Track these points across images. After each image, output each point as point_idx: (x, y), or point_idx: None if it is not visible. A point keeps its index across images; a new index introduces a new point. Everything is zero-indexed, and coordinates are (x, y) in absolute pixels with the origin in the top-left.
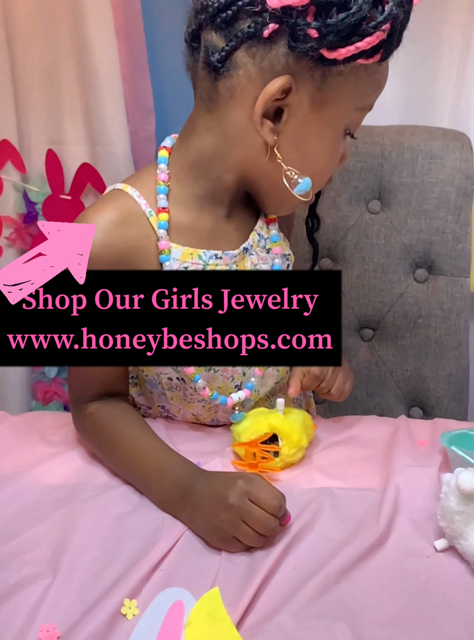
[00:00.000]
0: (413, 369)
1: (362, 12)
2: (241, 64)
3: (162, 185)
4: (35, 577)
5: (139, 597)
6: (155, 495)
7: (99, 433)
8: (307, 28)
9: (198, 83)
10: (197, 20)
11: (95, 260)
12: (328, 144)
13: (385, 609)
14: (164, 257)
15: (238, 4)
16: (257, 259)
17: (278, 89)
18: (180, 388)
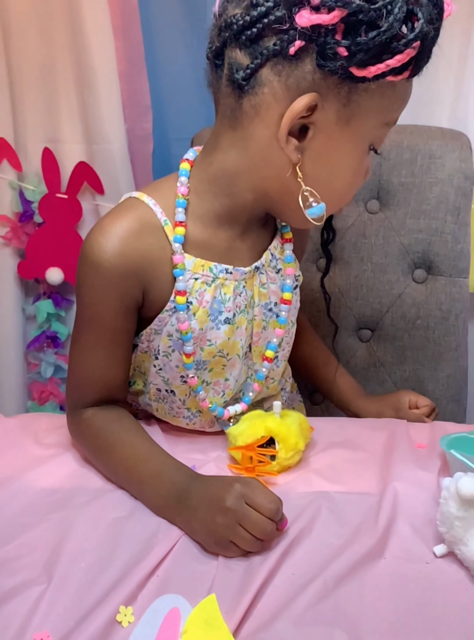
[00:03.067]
0: (412, 370)
1: (393, 30)
2: (267, 82)
3: (181, 198)
4: (30, 583)
5: (135, 604)
6: (150, 500)
7: (94, 438)
8: (337, 46)
9: (222, 100)
10: (221, 38)
11: (110, 269)
12: (353, 160)
13: (384, 616)
14: (178, 271)
15: (263, 21)
16: (266, 279)
17: (304, 107)
18: (167, 401)
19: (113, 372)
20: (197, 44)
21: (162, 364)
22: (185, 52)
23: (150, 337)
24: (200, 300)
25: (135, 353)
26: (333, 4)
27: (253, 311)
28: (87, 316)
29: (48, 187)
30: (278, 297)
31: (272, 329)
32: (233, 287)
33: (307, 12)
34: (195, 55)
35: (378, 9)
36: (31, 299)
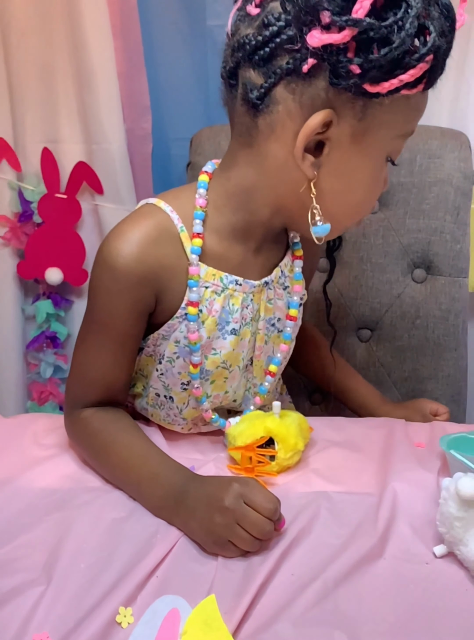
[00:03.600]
0: (411, 370)
1: (405, 46)
2: (281, 100)
3: (200, 210)
4: (29, 584)
5: (134, 605)
6: (148, 501)
7: (92, 438)
8: (349, 64)
9: (237, 119)
10: (234, 58)
11: (127, 273)
12: (370, 173)
13: (384, 617)
14: (193, 282)
15: (275, 41)
16: (273, 294)
17: (319, 124)
18: (164, 407)
19: (117, 375)
20: (196, 43)
21: (165, 369)
22: (184, 52)
23: (157, 341)
24: (210, 309)
25: (139, 356)
26: (343, 23)
27: (257, 324)
28: (97, 318)
29: (47, 187)
30: (283, 313)
31: (273, 344)
32: (241, 298)
33: (318, 32)
34: (194, 55)
35: (389, 26)
36: (30, 299)
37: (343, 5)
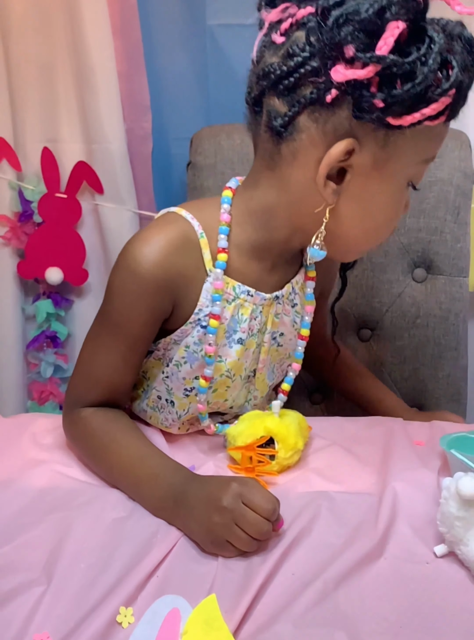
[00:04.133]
0: (411, 370)
1: (428, 81)
2: (304, 128)
3: (224, 225)
4: (29, 585)
5: (135, 605)
6: (148, 502)
7: (91, 437)
8: (372, 99)
9: (260, 144)
10: (259, 86)
11: (150, 279)
12: (391, 198)
13: (384, 617)
14: (216, 296)
15: (300, 71)
16: (281, 309)
17: (342, 152)
18: (164, 411)
19: (123, 377)
20: (196, 43)
21: (171, 373)
22: (184, 52)
23: (169, 346)
24: (220, 316)
25: (147, 359)
26: (367, 59)
27: (263, 337)
28: (113, 320)
29: (47, 186)
30: (286, 329)
31: (271, 357)
32: (251, 309)
33: (342, 66)
34: (194, 54)
35: (412, 62)
36: (31, 298)
37: (367, 42)
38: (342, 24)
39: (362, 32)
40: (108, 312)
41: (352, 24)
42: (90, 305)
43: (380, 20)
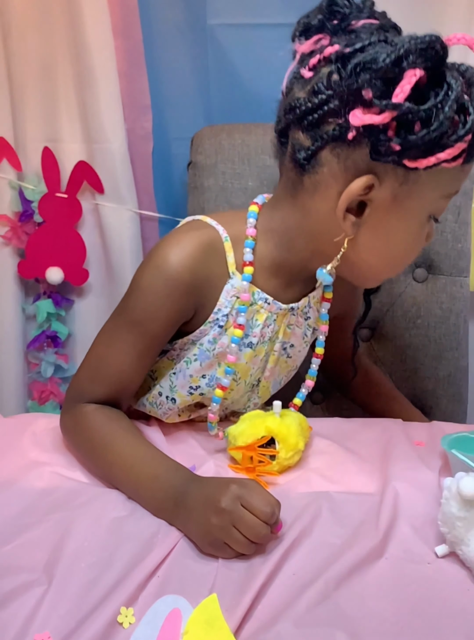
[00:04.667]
0: (412, 369)
1: (443, 128)
2: (326, 162)
3: (250, 239)
4: (30, 585)
5: (136, 605)
6: (148, 503)
7: (93, 432)
8: (389, 142)
9: (285, 173)
10: (286, 120)
11: (179, 282)
12: (411, 232)
13: (385, 617)
14: (242, 307)
15: (324, 108)
16: (295, 321)
17: (361, 188)
18: (162, 407)
19: (132, 376)
20: (197, 42)
21: (179, 369)
22: (185, 51)
23: (186, 346)
24: (235, 318)
25: (159, 358)
26: (383, 106)
27: (273, 345)
28: (134, 317)
29: (48, 186)
30: (297, 341)
31: (279, 368)
32: (265, 316)
33: (360, 111)
34: (195, 54)
35: (428, 109)
36: (31, 298)
37: (384, 89)
38: (360, 71)
39: (379, 80)
40: (130, 309)
41: (370, 72)
42: (91, 305)
43: (397, 68)
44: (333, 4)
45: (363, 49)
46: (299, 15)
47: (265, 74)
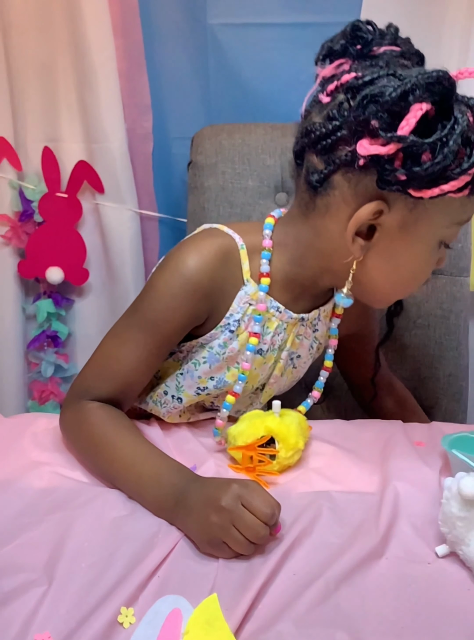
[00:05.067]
0: (412, 369)
1: (446, 161)
2: (338, 186)
3: (266, 251)
4: (30, 584)
5: (136, 605)
6: (149, 501)
7: (95, 428)
8: (395, 172)
9: (299, 193)
10: (302, 142)
11: (196, 286)
12: (419, 258)
13: (386, 617)
14: (258, 317)
15: (337, 134)
16: (303, 331)
17: (370, 213)
18: (167, 406)
19: (139, 377)
20: (197, 42)
21: (186, 370)
22: (185, 51)
23: (194, 349)
24: (247, 324)
25: (166, 359)
26: (388, 139)
27: (280, 354)
28: (148, 317)
29: (48, 186)
30: (304, 352)
31: (286, 378)
32: (276, 324)
33: (367, 141)
34: (195, 53)
35: (432, 142)
36: (31, 298)
37: (390, 122)
38: (368, 103)
39: (386, 112)
40: (144, 309)
41: (377, 104)
42: (91, 304)
43: (403, 102)
44: (356, 30)
45: (372, 81)
46: (299, 14)
47: (266, 73)
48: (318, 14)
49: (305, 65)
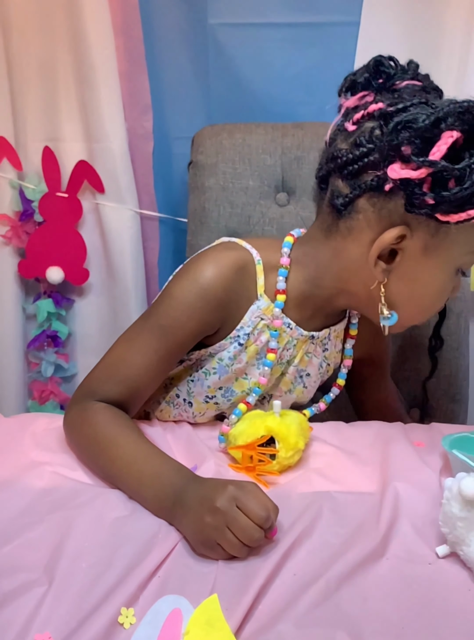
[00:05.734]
0: (413, 369)
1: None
2: (362, 210)
3: (284, 268)
4: (31, 585)
5: (136, 606)
6: (148, 500)
7: (101, 427)
8: (423, 197)
9: (321, 215)
10: (327, 167)
11: (213, 297)
12: (438, 284)
13: (386, 617)
14: (274, 333)
15: (364, 160)
16: (313, 349)
17: (394, 238)
18: (179, 408)
19: (149, 382)
20: (198, 42)
21: (197, 378)
22: (185, 51)
23: (203, 357)
24: (256, 338)
25: (176, 366)
26: (420, 163)
27: (288, 368)
28: (162, 323)
29: (48, 185)
30: (313, 370)
31: (296, 396)
32: (286, 340)
33: (398, 166)
34: (195, 53)
35: (461, 168)
36: (31, 298)
37: (422, 147)
38: (401, 129)
39: (418, 139)
40: (159, 315)
41: (410, 130)
42: (91, 304)
43: (435, 129)
44: (379, 65)
45: (405, 109)
46: (300, 14)
47: (266, 73)
48: (319, 14)
49: (305, 65)
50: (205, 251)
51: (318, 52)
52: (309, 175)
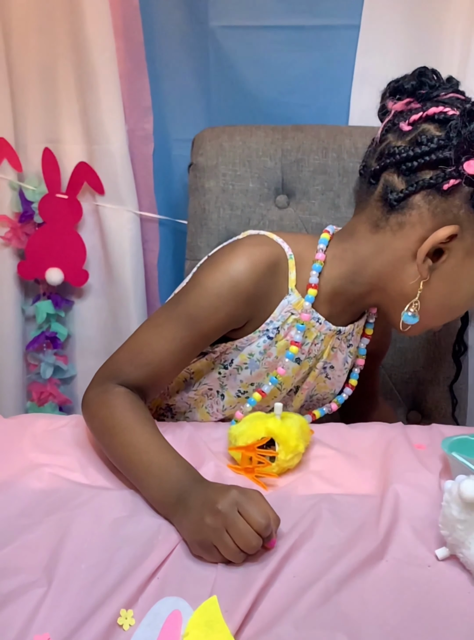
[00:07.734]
0: (412, 372)
1: None
2: (417, 207)
3: (318, 264)
4: (30, 586)
5: (135, 607)
6: (152, 492)
7: (116, 411)
8: None
9: (368, 208)
10: (381, 162)
11: (243, 290)
12: (472, 288)
13: (386, 619)
14: (301, 326)
15: (425, 158)
16: (338, 344)
17: (446, 236)
18: (213, 398)
19: (171, 369)
20: (198, 44)
21: (229, 374)
22: (186, 53)
23: (228, 350)
24: (286, 333)
25: (198, 359)
26: None
27: (316, 362)
28: (190, 312)
29: (48, 187)
30: (337, 364)
31: (317, 385)
32: (315, 335)
33: None
34: (196, 55)
35: None
36: (31, 299)
37: None
38: None
39: None
40: (188, 303)
41: None
42: (91, 306)
43: None
44: (422, 76)
45: None
46: (300, 17)
47: (266, 75)
48: (319, 17)
49: (306, 67)
50: (237, 243)
51: (318, 55)
52: (309, 177)
